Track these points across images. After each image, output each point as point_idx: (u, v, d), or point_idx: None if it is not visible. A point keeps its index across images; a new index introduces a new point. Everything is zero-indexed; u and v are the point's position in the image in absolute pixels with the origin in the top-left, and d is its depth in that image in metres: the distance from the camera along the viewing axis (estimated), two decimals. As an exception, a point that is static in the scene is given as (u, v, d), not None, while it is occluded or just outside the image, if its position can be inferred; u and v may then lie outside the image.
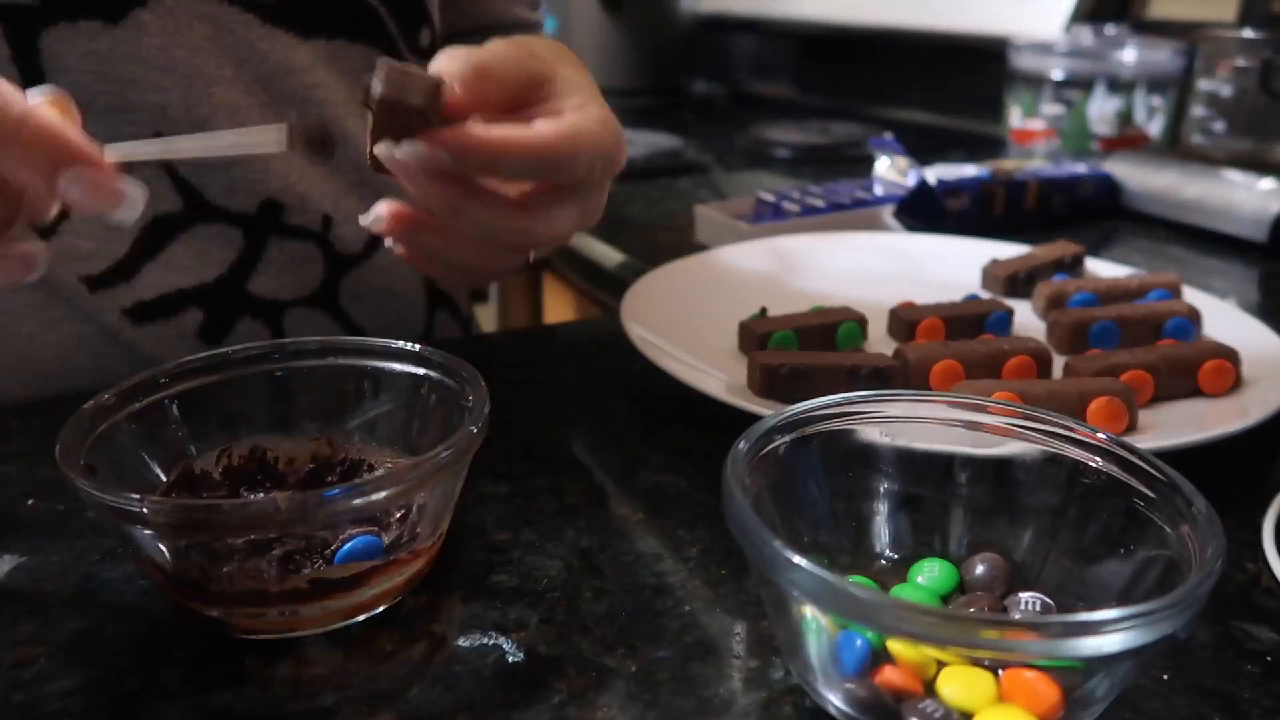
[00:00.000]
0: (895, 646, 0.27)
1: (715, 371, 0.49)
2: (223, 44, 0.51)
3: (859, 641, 0.27)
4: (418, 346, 0.39)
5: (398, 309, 0.62)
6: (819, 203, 0.79)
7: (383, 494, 0.31)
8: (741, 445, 0.30)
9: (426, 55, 0.61)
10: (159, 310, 0.53)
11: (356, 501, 0.30)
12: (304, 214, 0.56)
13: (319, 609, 0.32)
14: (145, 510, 0.29)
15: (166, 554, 0.31)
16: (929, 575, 0.32)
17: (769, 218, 0.78)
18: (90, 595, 0.34)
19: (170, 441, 0.37)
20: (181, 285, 0.54)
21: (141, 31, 0.49)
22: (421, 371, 0.38)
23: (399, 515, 0.34)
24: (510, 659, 0.32)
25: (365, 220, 0.39)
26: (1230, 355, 0.48)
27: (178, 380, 0.37)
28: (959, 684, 0.26)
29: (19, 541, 0.38)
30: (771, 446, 0.31)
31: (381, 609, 0.33)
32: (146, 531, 0.30)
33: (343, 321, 0.59)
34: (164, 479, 0.36)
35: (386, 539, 0.33)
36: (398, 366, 0.39)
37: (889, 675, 0.27)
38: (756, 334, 0.52)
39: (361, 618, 0.33)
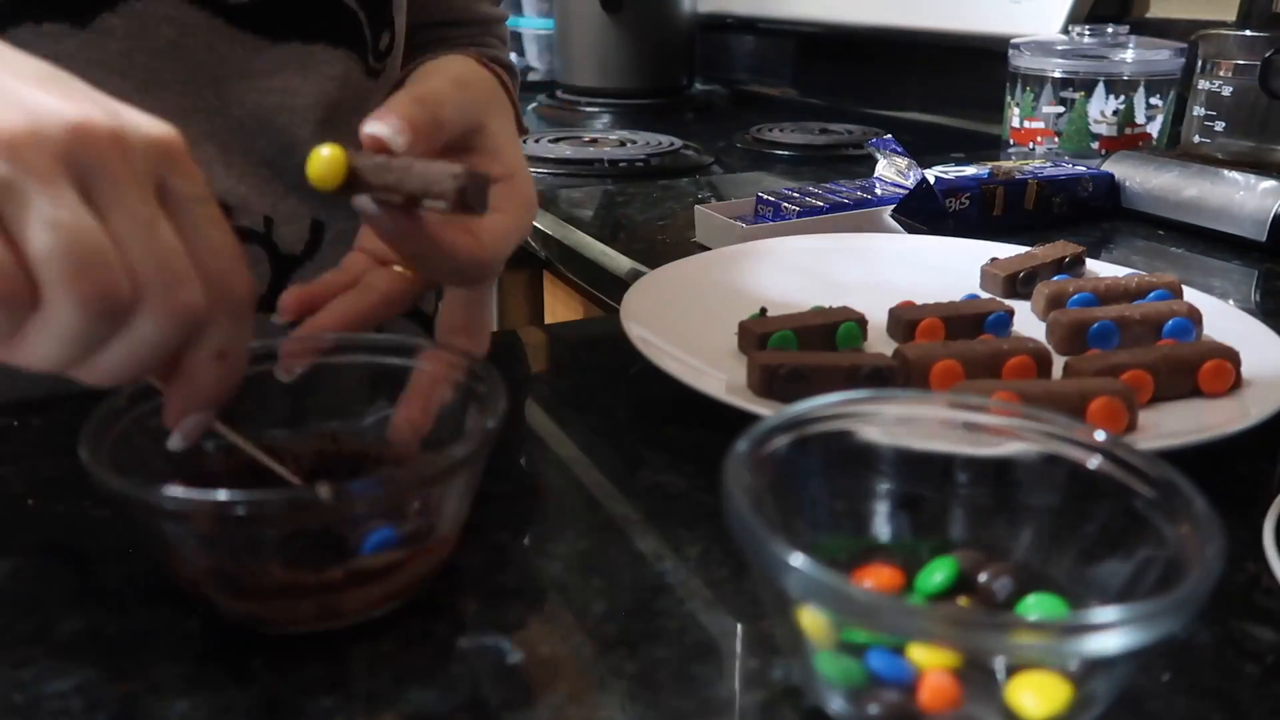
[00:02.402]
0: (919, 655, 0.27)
1: (715, 371, 0.49)
2: (184, 48, 0.51)
3: (890, 658, 0.27)
4: (430, 343, 0.39)
5: None
6: (819, 203, 0.79)
7: (413, 486, 0.32)
8: (741, 445, 0.30)
9: (384, 58, 0.61)
10: None
11: (390, 493, 0.31)
12: (247, 215, 0.55)
13: (355, 599, 0.32)
14: (181, 506, 0.29)
15: (199, 550, 0.31)
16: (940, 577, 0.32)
17: (769, 218, 0.78)
18: (90, 595, 0.34)
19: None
20: None
21: (108, 35, 0.48)
22: (435, 368, 0.38)
23: (418, 509, 0.34)
24: (510, 659, 0.32)
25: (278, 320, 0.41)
26: (1230, 355, 0.48)
27: None
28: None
29: (19, 541, 0.38)
30: (771, 446, 0.31)
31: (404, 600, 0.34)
32: (179, 528, 0.31)
33: (294, 324, 0.58)
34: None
35: (402, 534, 0.33)
36: (411, 363, 0.39)
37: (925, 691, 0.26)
38: (756, 334, 0.52)
39: (389, 606, 0.34)
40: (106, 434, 0.33)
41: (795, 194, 0.81)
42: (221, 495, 0.29)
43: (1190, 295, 0.58)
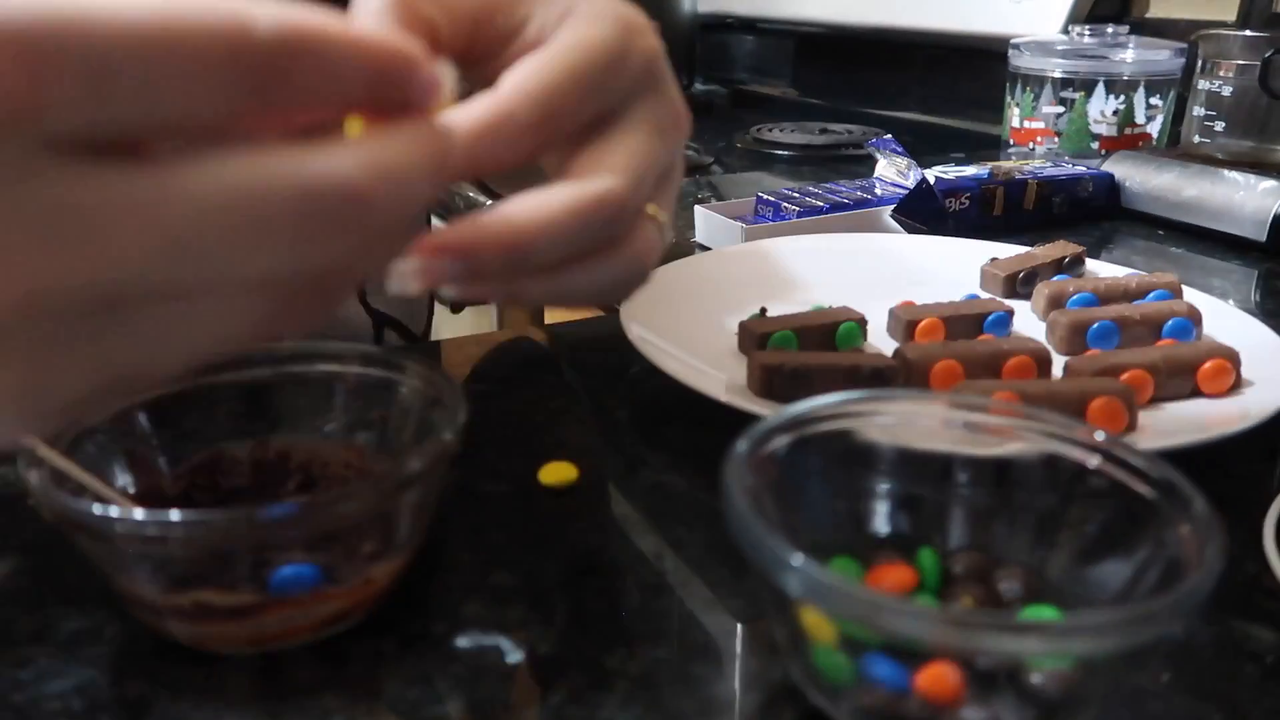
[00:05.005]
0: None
1: (715, 371, 0.49)
2: None
3: (886, 662, 0.27)
4: (391, 352, 0.38)
5: (345, 334, 0.59)
6: (819, 203, 0.79)
7: (344, 509, 0.30)
8: (741, 445, 0.30)
9: None
10: None
11: (308, 517, 0.29)
12: None
13: (218, 632, 0.31)
14: (119, 526, 0.29)
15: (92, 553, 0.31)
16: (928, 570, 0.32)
17: (769, 218, 0.78)
18: (90, 595, 0.34)
19: (139, 451, 0.36)
20: None
21: None
22: (398, 378, 0.38)
23: (362, 531, 0.33)
24: (510, 659, 0.32)
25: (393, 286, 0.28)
26: (1230, 355, 0.48)
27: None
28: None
29: (19, 541, 0.38)
30: (771, 446, 0.31)
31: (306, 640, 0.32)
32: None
33: None
34: (131, 490, 0.35)
35: (343, 561, 0.32)
36: (374, 372, 0.38)
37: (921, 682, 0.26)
38: (756, 334, 0.52)
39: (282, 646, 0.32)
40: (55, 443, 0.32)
41: (795, 194, 0.81)
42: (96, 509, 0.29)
43: (1190, 295, 0.58)
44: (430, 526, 0.35)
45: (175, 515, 0.28)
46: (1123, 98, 1.00)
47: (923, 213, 0.78)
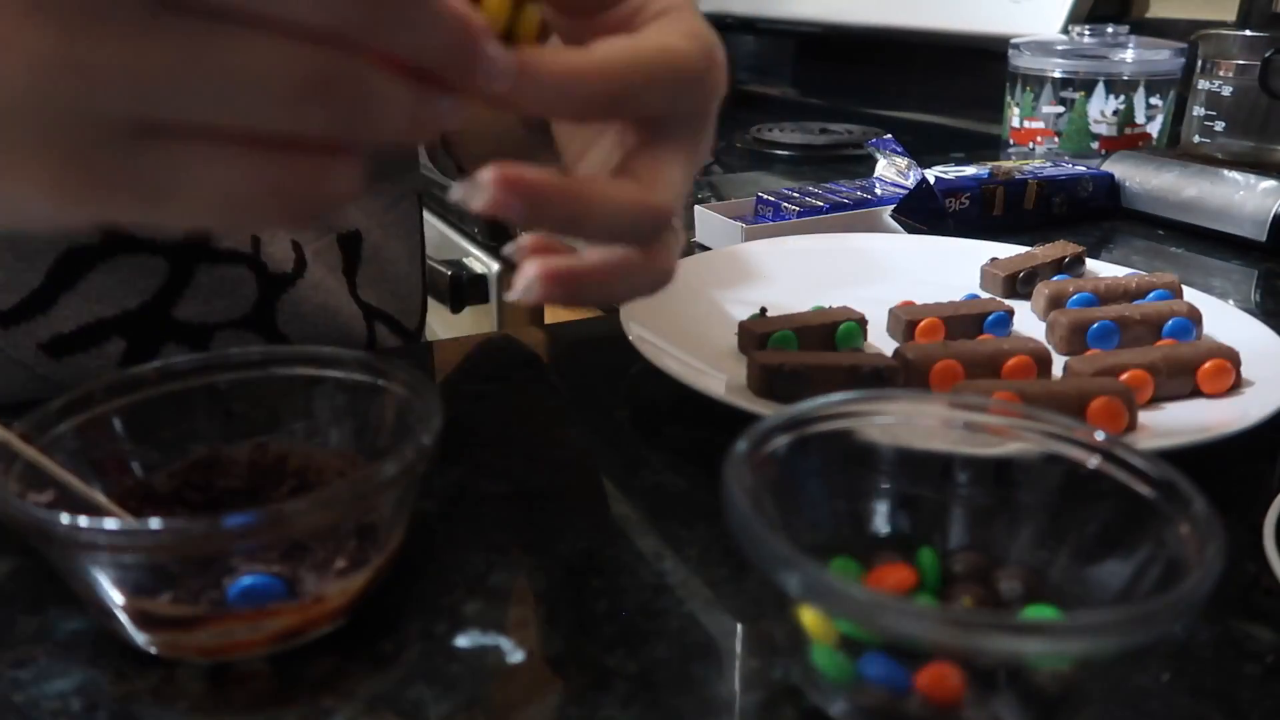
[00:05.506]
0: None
1: (715, 371, 0.49)
2: None
3: (885, 662, 0.27)
4: (367, 355, 0.38)
5: (337, 324, 0.60)
6: (819, 203, 0.79)
7: (301, 519, 0.30)
8: (741, 445, 0.30)
9: None
10: (78, 342, 0.51)
11: (268, 526, 0.29)
12: (232, 236, 0.54)
13: (166, 639, 0.31)
14: (86, 535, 0.28)
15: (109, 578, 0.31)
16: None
17: (769, 218, 0.78)
18: (90, 595, 0.34)
19: (112, 455, 0.36)
20: (102, 315, 0.51)
21: None
22: (377, 381, 0.37)
23: (327, 542, 0.33)
24: (510, 659, 0.32)
25: (508, 249, 0.32)
26: (1230, 355, 0.48)
27: (118, 394, 0.36)
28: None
29: (19, 541, 0.38)
30: (771, 446, 0.31)
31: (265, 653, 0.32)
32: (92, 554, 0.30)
33: (278, 343, 0.57)
34: (103, 495, 0.35)
35: (308, 572, 0.31)
36: (352, 376, 0.38)
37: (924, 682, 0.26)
38: (756, 334, 0.52)
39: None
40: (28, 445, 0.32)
41: (795, 194, 0.81)
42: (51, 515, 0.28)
43: (1190, 295, 0.58)
44: (414, 532, 0.35)
45: (112, 524, 0.28)
46: (1123, 98, 1.00)
47: (923, 213, 0.78)
